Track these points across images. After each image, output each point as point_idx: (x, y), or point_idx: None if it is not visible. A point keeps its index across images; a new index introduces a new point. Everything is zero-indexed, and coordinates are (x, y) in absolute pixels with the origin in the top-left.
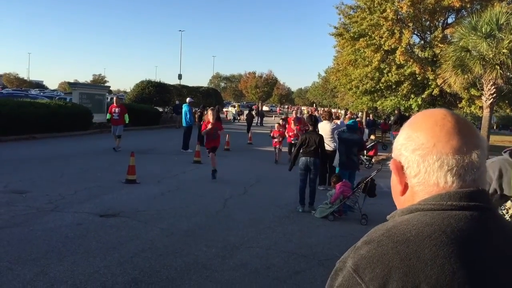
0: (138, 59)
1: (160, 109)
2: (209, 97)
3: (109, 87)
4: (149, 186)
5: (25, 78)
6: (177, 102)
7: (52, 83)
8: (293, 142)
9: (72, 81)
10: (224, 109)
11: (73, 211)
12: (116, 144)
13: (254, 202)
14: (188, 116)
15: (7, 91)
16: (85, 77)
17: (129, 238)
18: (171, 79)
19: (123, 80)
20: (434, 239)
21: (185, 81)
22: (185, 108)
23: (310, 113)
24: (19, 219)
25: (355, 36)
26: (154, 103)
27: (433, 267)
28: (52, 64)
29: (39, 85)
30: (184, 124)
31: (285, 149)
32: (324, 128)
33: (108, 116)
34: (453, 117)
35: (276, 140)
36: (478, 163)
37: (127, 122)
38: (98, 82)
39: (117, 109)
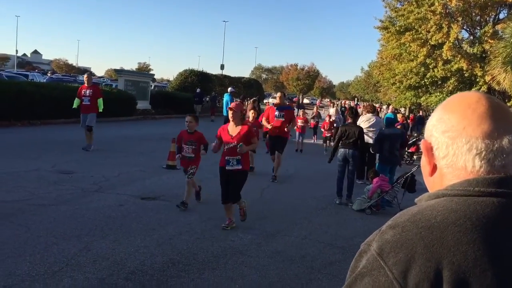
0: (182, 49)
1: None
2: (250, 88)
3: (153, 75)
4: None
5: (74, 64)
6: (197, 90)
7: (99, 70)
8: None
9: (118, 68)
10: (265, 101)
11: (115, 192)
12: (87, 140)
13: (291, 192)
14: (229, 105)
15: (57, 76)
16: (131, 65)
17: (168, 221)
18: (213, 69)
19: (166, 69)
20: (458, 226)
21: (227, 72)
22: (226, 97)
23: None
24: (65, 198)
25: (401, 30)
26: (206, 93)
27: (456, 253)
28: (100, 52)
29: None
30: (225, 113)
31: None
32: (369, 121)
33: (76, 102)
34: (487, 100)
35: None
36: (508, 149)
37: (100, 110)
38: (143, 70)
39: (88, 91)
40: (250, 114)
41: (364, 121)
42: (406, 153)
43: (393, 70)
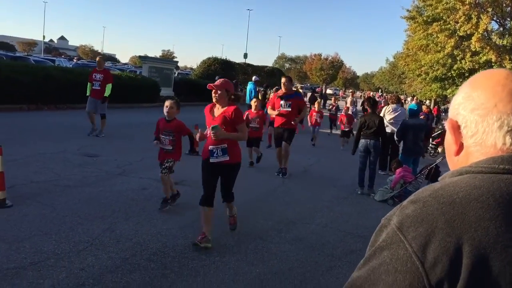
0: (206, 37)
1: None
2: (273, 77)
3: (177, 62)
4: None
5: (99, 50)
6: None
7: (123, 57)
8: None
9: (142, 55)
10: None
11: (138, 176)
12: (92, 125)
13: (312, 181)
14: (253, 94)
15: (82, 62)
16: (155, 53)
17: (189, 205)
18: (236, 58)
19: (190, 56)
20: (481, 202)
21: (250, 60)
22: (250, 86)
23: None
24: (90, 180)
25: (428, 20)
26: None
27: (477, 229)
28: (124, 39)
29: (111, 58)
30: (248, 101)
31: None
32: (394, 111)
33: (89, 88)
34: None
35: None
36: None
37: (106, 95)
38: (167, 58)
39: (98, 75)
40: (252, 103)
41: (389, 112)
42: (431, 145)
43: (419, 61)
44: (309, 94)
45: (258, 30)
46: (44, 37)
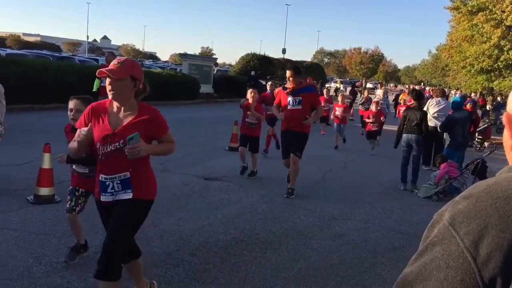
0: (244, 33)
1: (263, 82)
2: (312, 72)
3: (216, 59)
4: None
5: (140, 49)
6: (252, 73)
7: (163, 55)
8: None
9: (182, 53)
10: (327, 85)
11: (180, 172)
12: None
13: (353, 176)
14: None
15: None
16: (194, 50)
17: (230, 201)
18: (275, 53)
19: (229, 53)
20: None
21: (288, 56)
22: None
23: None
24: None
25: (473, 10)
26: (262, 76)
27: None
28: (164, 37)
29: (152, 56)
30: None
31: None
32: (438, 105)
33: (96, 84)
34: None
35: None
36: None
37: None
38: (206, 55)
39: None
40: (249, 94)
41: (433, 105)
42: (477, 139)
43: (463, 52)
44: (348, 89)
45: (297, 24)
46: (88, 37)
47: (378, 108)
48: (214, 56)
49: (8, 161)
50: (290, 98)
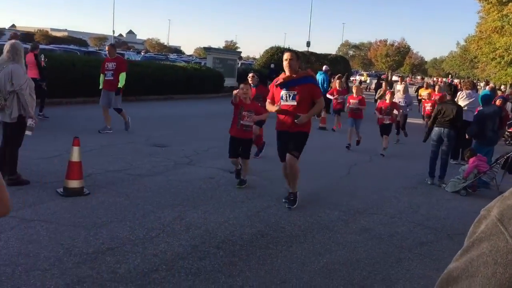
0: (268, 26)
1: None
2: (337, 64)
3: (240, 52)
4: (275, 148)
5: (165, 43)
6: (272, 65)
7: (188, 49)
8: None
9: (206, 46)
10: (352, 78)
11: (206, 166)
12: (106, 120)
13: (379, 170)
14: (326, 85)
15: (150, 55)
16: (218, 43)
17: (256, 194)
18: (299, 46)
19: (253, 46)
20: None
21: (313, 48)
22: (321, 76)
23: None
24: (159, 169)
25: (504, 0)
26: (281, 69)
27: None
28: (189, 31)
29: (177, 50)
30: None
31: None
32: (469, 98)
33: (101, 80)
34: None
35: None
36: None
37: (120, 85)
38: (230, 48)
39: (111, 64)
40: (240, 89)
41: (463, 98)
42: (507, 133)
43: (493, 44)
44: (374, 82)
45: (321, 17)
46: (113, 32)
47: (393, 99)
48: (238, 50)
49: (38, 154)
50: (283, 92)
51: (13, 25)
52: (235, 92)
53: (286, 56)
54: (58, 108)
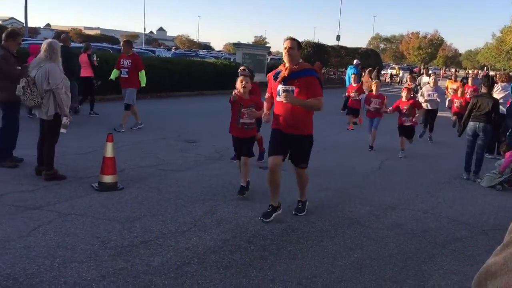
0: (297, 21)
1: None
2: (368, 58)
3: (269, 48)
4: None
5: (195, 39)
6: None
7: (217, 45)
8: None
9: (235, 42)
10: (383, 72)
11: (236, 161)
12: (124, 119)
13: (412, 165)
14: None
15: (180, 51)
16: (247, 39)
17: (286, 189)
18: (329, 40)
19: (282, 41)
20: None
21: (343, 42)
22: (351, 70)
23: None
24: (190, 165)
25: None
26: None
27: None
28: (218, 27)
29: (206, 46)
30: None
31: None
32: (504, 90)
33: (113, 73)
34: None
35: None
36: None
37: (143, 84)
38: (259, 44)
39: (126, 61)
40: (239, 83)
41: (498, 91)
42: None
43: None
44: (406, 75)
45: (351, 10)
46: (144, 29)
47: (411, 96)
48: (267, 45)
49: (74, 150)
50: (280, 86)
51: (48, 24)
52: (235, 92)
53: (286, 44)
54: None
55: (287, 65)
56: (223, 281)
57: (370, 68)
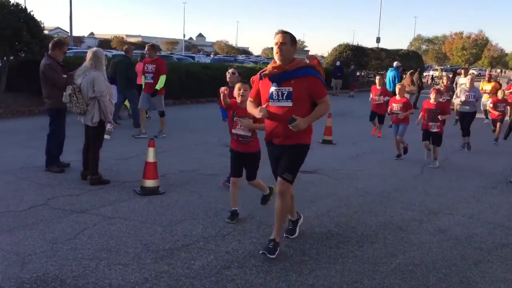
0: (336, 24)
1: (357, 73)
2: (409, 60)
3: (308, 51)
4: (344, 147)
5: (233, 45)
6: (337, 63)
7: (256, 49)
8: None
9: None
10: (425, 73)
11: None
12: (141, 125)
13: (455, 169)
14: (396, 81)
15: (219, 57)
16: None
17: (325, 194)
18: (368, 43)
19: (321, 44)
20: None
21: (383, 44)
22: (392, 73)
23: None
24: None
25: None
26: (348, 67)
27: None
28: (256, 31)
29: (245, 51)
30: (389, 89)
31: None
32: None
33: (143, 80)
34: None
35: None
36: None
37: (158, 87)
38: (298, 47)
39: (151, 66)
40: (236, 91)
41: None
42: None
43: None
44: (450, 76)
45: (391, 12)
46: (184, 35)
47: (440, 99)
48: (306, 49)
49: (117, 156)
50: (273, 89)
51: (92, 33)
52: (222, 89)
53: (277, 38)
54: None
55: (278, 63)
56: (263, 285)
57: (411, 70)
